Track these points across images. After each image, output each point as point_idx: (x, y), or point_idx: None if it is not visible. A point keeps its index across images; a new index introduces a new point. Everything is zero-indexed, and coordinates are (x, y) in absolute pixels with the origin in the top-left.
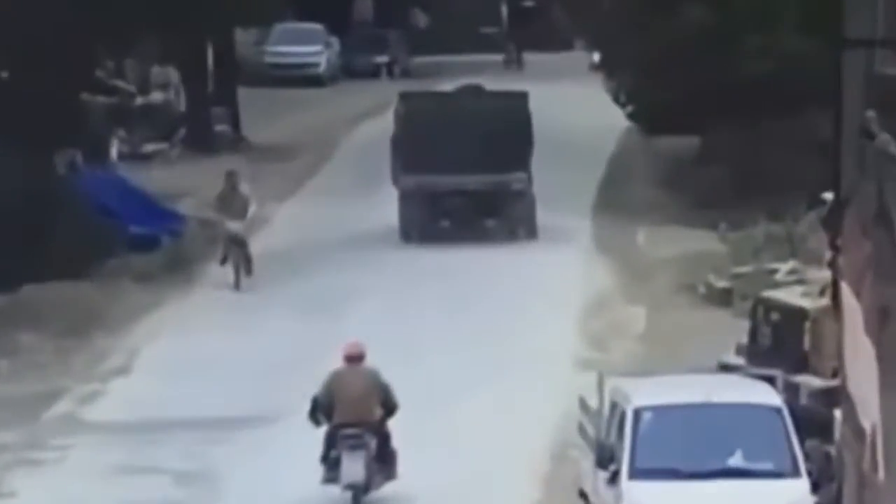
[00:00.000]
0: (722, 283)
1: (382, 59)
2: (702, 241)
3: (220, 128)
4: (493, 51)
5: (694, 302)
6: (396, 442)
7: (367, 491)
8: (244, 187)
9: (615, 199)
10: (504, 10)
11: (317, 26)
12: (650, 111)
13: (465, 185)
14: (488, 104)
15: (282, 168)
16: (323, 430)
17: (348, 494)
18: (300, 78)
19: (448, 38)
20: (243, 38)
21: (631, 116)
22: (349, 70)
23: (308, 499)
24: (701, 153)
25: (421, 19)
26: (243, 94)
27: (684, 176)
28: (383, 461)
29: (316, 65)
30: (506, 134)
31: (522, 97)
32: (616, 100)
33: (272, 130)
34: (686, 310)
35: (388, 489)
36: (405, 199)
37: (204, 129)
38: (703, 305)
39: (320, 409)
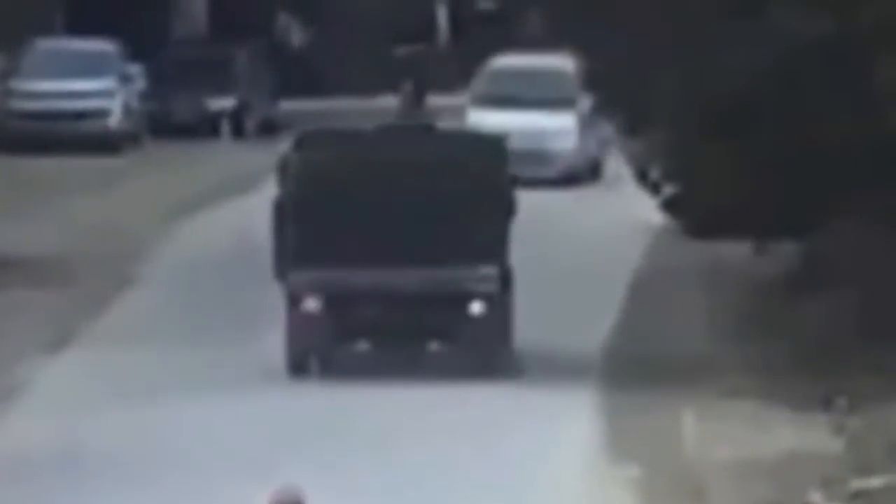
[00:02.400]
0: None
1: (224, 102)
2: (798, 432)
3: None
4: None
5: None
6: None
7: None
8: None
9: (641, 353)
10: (443, 16)
11: (106, 45)
12: (707, 198)
13: (396, 286)
14: (440, 153)
15: (40, 298)
16: None
17: None
18: (74, 137)
19: (343, 64)
20: None
21: (669, 206)
22: (164, 122)
23: None
24: (802, 273)
25: (294, 33)
26: None
27: (769, 314)
28: None
29: (102, 113)
30: (467, 202)
31: (497, 143)
32: (642, 177)
33: (21, 232)
34: None
35: None
36: (298, 306)
37: None
38: None
39: None
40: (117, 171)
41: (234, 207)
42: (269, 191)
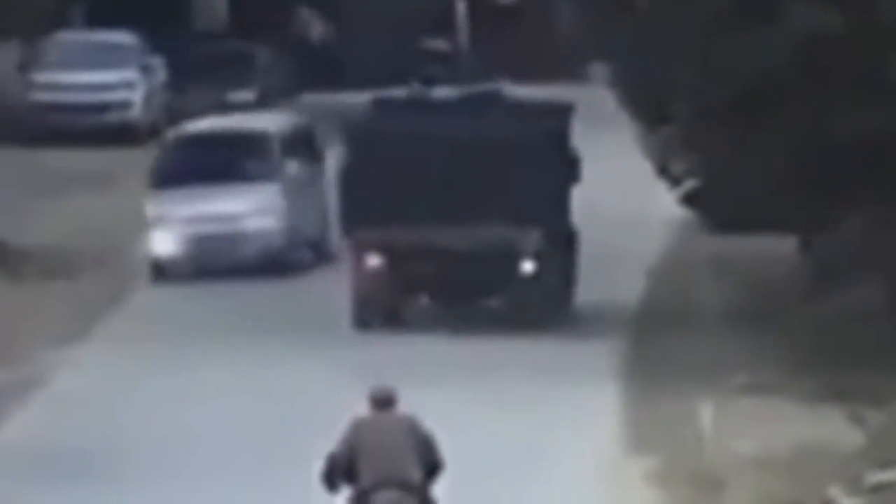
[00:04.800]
0: (854, 501)
1: (244, 95)
2: (819, 426)
3: None
4: (441, 78)
5: None
6: None
7: None
8: None
9: (662, 349)
10: (462, 8)
11: (127, 37)
12: (726, 192)
13: (453, 245)
14: (502, 120)
15: (64, 290)
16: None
17: None
18: (96, 129)
19: (364, 58)
20: None
21: (689, 201)
22: (184, 114)
23: None
24: (825, 267)
25: (315, 27)
26: None
27: (792, 310)
28: None
29: (125, 104)
30: (524, 166)
31: (563, 112)
32: (663, 171)
33: (44, 226)
34: None
35: None
36: (362, 263)
37: None
38: None
39: (338, 471)
40: (139, 163)
41: None
42: None
